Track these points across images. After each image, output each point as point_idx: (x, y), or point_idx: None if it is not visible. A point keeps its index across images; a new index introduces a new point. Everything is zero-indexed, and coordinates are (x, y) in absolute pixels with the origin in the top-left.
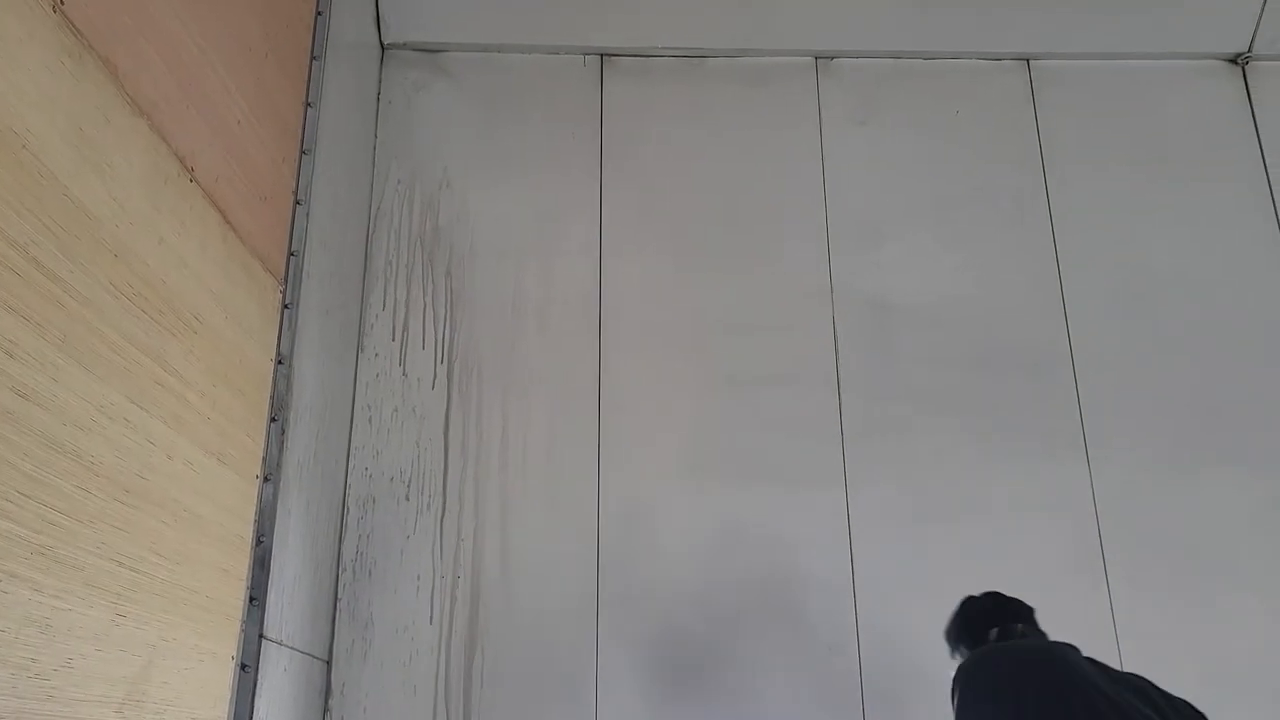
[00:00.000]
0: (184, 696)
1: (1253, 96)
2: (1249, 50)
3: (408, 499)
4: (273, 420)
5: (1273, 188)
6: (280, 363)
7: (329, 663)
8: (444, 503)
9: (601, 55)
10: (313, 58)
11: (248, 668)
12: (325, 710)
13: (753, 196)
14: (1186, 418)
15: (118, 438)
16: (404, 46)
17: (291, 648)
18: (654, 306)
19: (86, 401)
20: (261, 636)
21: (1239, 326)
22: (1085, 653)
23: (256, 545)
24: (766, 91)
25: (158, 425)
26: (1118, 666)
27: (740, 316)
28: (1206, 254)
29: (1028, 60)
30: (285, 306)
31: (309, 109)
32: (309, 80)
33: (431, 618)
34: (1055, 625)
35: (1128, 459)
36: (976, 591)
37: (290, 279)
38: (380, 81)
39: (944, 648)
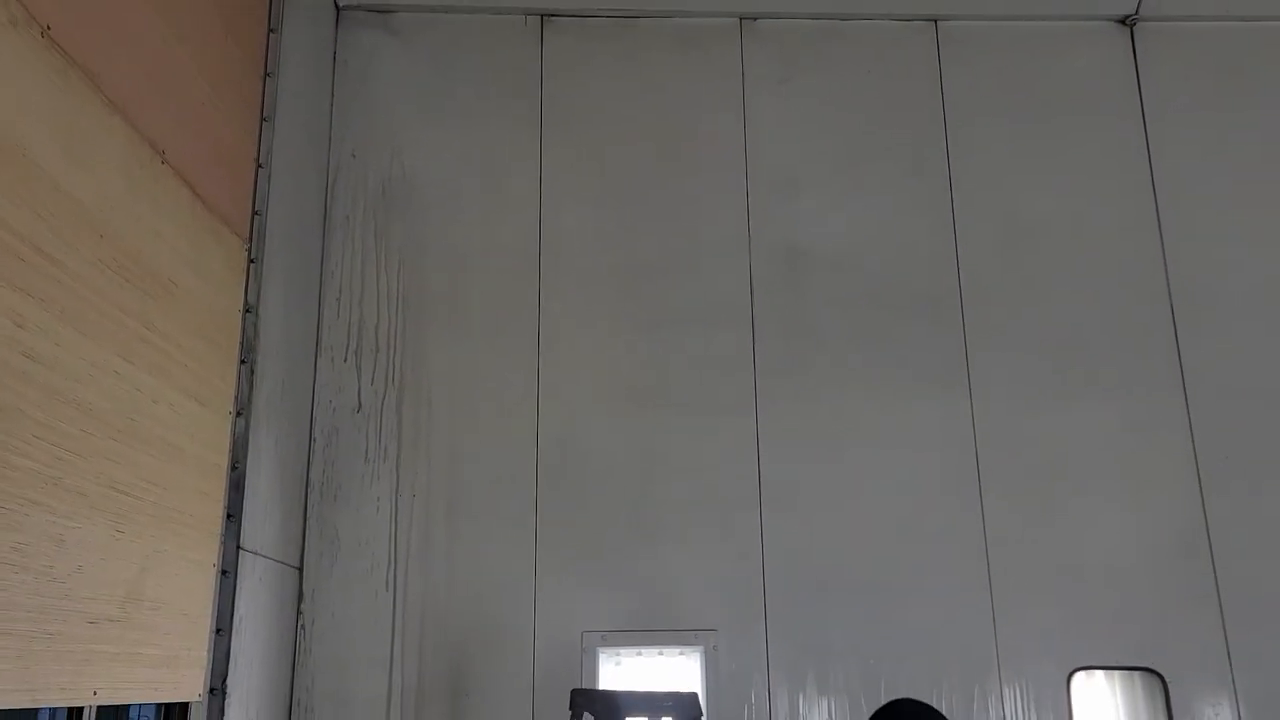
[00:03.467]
0: (174, 596)
1: (1138, 55)
2: (1136, 12)
3: (367, 430)
4: (242, 362)
5: (1149, 140)
6: (248, 311)
7: (300, 570)
8: (399, 432)
9: (541, 16)
10: (270, 30)
11: (228, 574)
12: (299, 613)
13: (680, 150)
14: (1057, 351)
15: (110, 387)
16: (357, 8)
17: (266, 557)
18: (588, 252)
19: (83, 359)
20: (239, 548)
21: (1109, 268)
22: (956, 558)
23: (232, 471)
24: (694, 51)
25: (143, 375)
26: (985, 572)
27: (666, 261)
28: (1085, 202)
29: (935, 21)
30: (251, 261)
31: (268, 78)
32: (267, 51)
33: (390, 534)
34: (935, 536)
35: (1004, 389)
36: (870, 521)
37: (255, 236)
38: (335, 42)
39: (837, 554)
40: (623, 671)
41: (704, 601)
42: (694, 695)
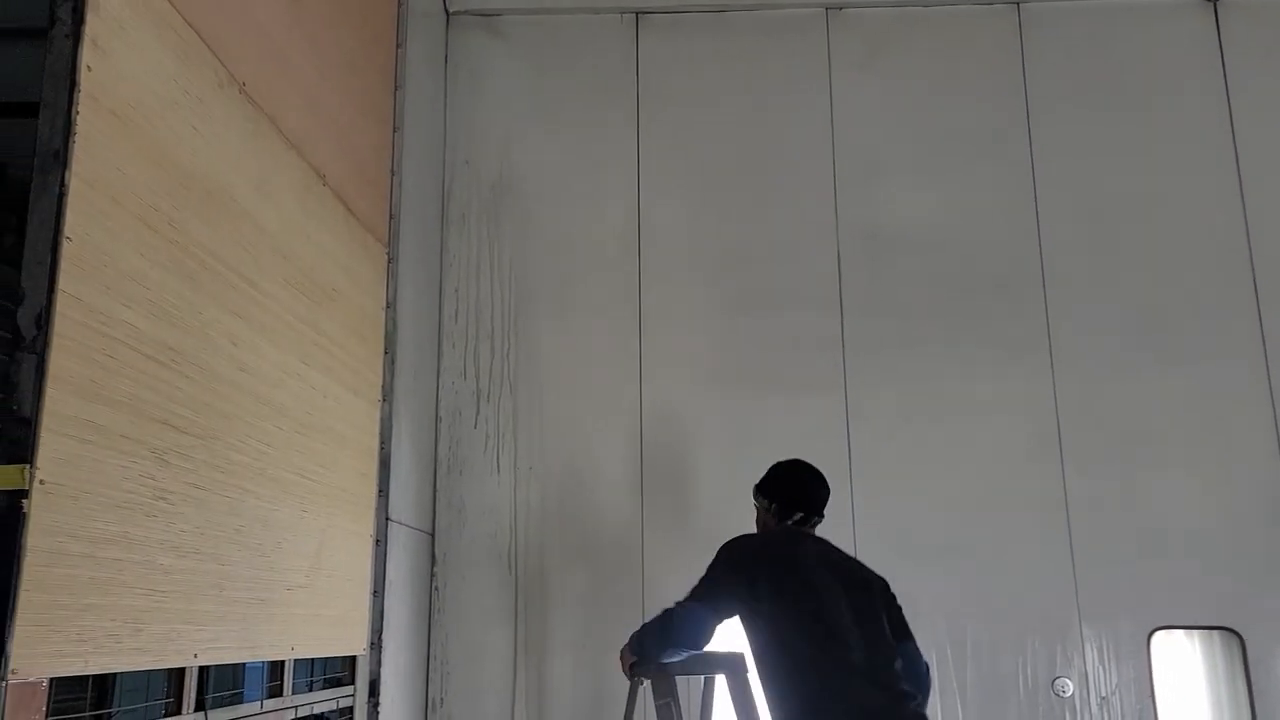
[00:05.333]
0: (343, 563)
1: (1222, 32)
2: None
3: (486, 410)
4: (385, 354)
5: (1233, 116)
6: (388, 307)
7: (432, 536)
8: (515, 410)
9: (636, 13)
10: (397, 45)
11: (380, 542)
12: (432, 575)
13: (770, 138)
14: (1138, 323)
15: (295, 388)
16: (465, 13)
17: (407, 526)
18: (685, 238)
19: (276, 367)
20: (388, 519)
21: (1191, 242)
22: (1039, 523)
23: (380, 450)
24: (782, 41)
25: (317, 374)
26: (1066, 535)
27: (758, 245)
28: (1168, 178)
29: (1017, 4)
30: (390, 261)
31: (397, 91)
32: (396, 68)
33: (510, 503)
34: (1017, 503)
35: (1085, 360)
36: (948, 479)
37: (391, 239)
38: (447, 45)
39: (924, 521)
40: (722, 627)
41: None
42: (741, 655)
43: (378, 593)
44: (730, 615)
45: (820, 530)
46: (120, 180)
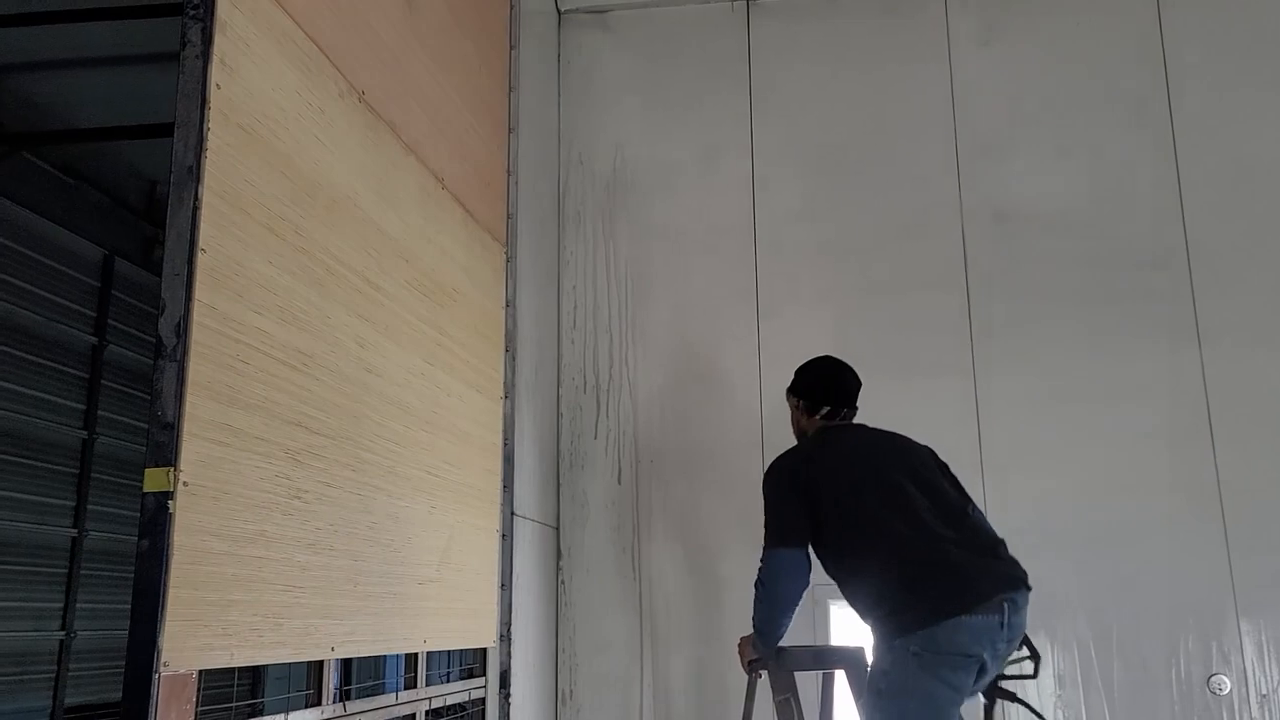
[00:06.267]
0: (471, 558)
1: None
2: None
3: (606, 405)
4: (506, 351)
5: None
6: (508, 306)
7: (557, 530)
8: (634, 403)
9: (747, 1)
10: (511, 47)
11: (506, 537)
12: (558, 568)
13: (887, 119)
14: None
15: (420, 388)
16: (576, 10)
17: (532, 520)
18: (802, 226)
19: (401, 367)
20: (513, 514)
21: None
22: (1189, 510)
23: (504, 446)
24: (897, 19)
25: (441, 374)
26: (1220, 523)
27: (879, 229)
28: None
29: None
30: (508, 261)
31: (511, 93)
32: (510, 69)
33: (632, 496)
34: (1165, 489)
35: (1235, 337)
36: (1084, 460)
37: (509, 238)
38: (559, 44)
39: (1062, 509)
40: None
41: None
42: (861, 649)
43: (505, 586)
44: (809, 537)
45: None
46: (249, 192)
